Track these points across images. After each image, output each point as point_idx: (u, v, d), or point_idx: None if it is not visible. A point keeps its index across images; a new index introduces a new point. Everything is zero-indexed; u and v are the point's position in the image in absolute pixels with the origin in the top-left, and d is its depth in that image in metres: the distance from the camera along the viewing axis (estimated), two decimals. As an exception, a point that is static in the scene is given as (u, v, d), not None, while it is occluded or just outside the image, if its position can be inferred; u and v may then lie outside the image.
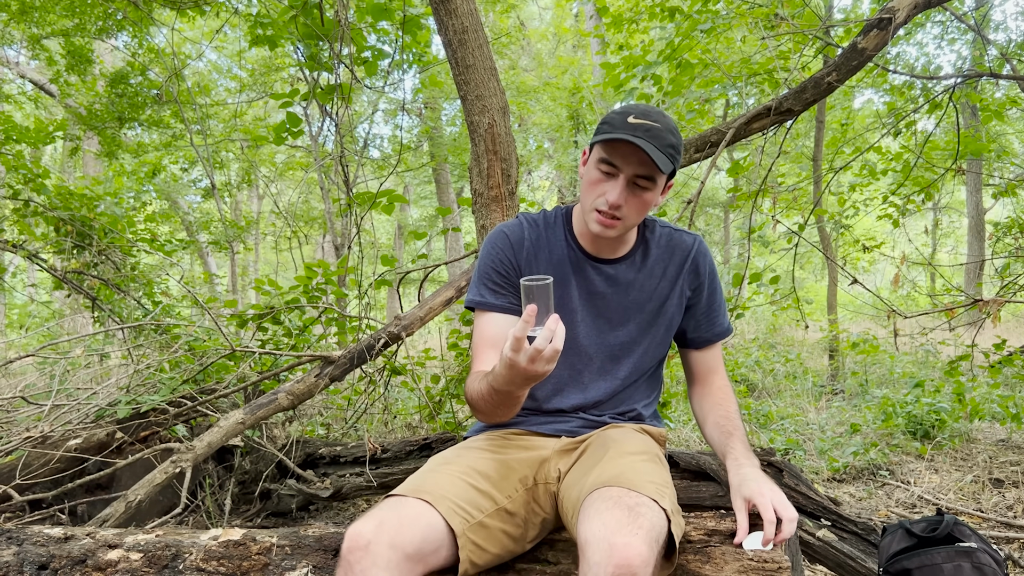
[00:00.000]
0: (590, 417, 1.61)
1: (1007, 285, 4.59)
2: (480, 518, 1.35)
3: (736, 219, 16.00)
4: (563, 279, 1.56)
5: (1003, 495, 3.38)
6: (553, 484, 1.48)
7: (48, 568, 1.52)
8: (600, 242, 1.56)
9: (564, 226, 1.60)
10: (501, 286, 1.56)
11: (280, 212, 9.70)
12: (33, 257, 4.40)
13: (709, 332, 1.65)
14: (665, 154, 1.38)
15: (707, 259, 1.64)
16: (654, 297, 1.60)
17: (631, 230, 1.56)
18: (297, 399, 2.88)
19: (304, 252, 14.62)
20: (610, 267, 1.58)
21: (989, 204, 12.60)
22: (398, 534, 1.21)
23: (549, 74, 12.93)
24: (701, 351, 1.67)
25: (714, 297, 1.65)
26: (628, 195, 1.42)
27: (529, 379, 1.23)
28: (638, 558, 1.11)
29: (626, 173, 1.40)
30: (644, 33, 6.05)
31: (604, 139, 1.39)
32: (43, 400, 3.35)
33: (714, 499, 2.19)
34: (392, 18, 3.56)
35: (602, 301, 1.58)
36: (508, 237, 1.58)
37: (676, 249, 1.61)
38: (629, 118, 1.38)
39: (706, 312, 1.64)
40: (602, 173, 1.43)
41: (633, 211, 1.45)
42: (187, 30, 9.00)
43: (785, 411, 5.36)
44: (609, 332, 1.59)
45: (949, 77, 4.34)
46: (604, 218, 1.44)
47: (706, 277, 1.63)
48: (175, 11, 5.52)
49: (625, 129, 1.37)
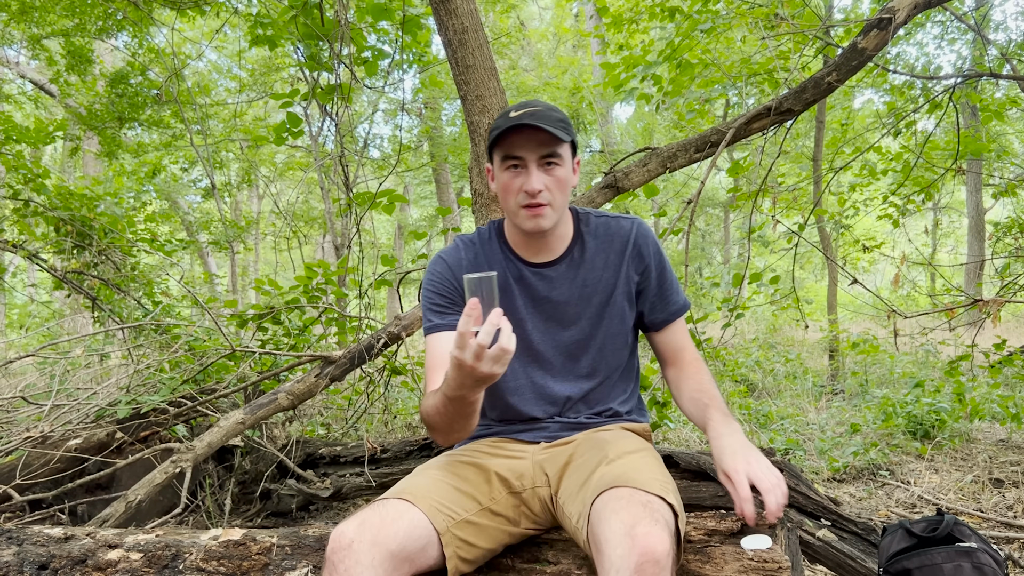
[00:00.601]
0: (566, 420, 1.61)
1: (1007, 285, 4.59)
2: (466, 516, 1.36)
3: (736, 219, 16.00)
4: (506, 290, 1.56)
5: (1003, 495, 3.38)
6: (543, 488, 1.48)
7: (48, 568, 1.52)
8: (536, 245, 1.56)
9: (498, 239, 1.61)
10: (445, 307, 1.55)
11: (280, 212, 9.71)
12: (33, 257, 4.40)
13: (665, 312, 1.62)
14: (557, 127, 1.40)
15: (649, 239, 1.61)
16: (599, 290, 1.58)
17: (562, 223, 1.55)
18: (297, 399, 2.88)
19: (304, 252, 14.63)
20: (549, 269, 1.57)
21: (989, 204, 12.60)
22: (380, 531, 1.22)
23: (549, 74, 12.92)
24: (663, 332, 1.64)
25: (664, 276, 1.61)
26: (543, 177, 1.44)
27: (479, 380, 1.20)
28: (661, 545, 1.11)
29: (531, 158, 1.43)
30: (644, 33, 6.05)
31: (498, 135, 1.42)
32: (43, 400, 3.35)
33: (714, 499, 2.19)
34: (392, 18, 3.56)
35: (548, 304, 1.57)
36: (445, 261, 1.59)
37: (615, 237, 1.59)
38: (511, 114, 1.42)
39: (658, 292, 1.61)
40: (511, 173, 1.45)
41: (555, 192, 1.45)
42: (187, 30, 9.00)
43: (785, 411, 5.36)
44: (561, 333, 1.58)
45: (949, 77, 4.34)
46: (531, 209, 1.44)
47: (651, 258, 1.60)
48: (175, 11, 5.52)
49: (511, 121, 1.40)
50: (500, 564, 1.46)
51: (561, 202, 1.48)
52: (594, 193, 3.15)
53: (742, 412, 5.08)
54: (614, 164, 3.24)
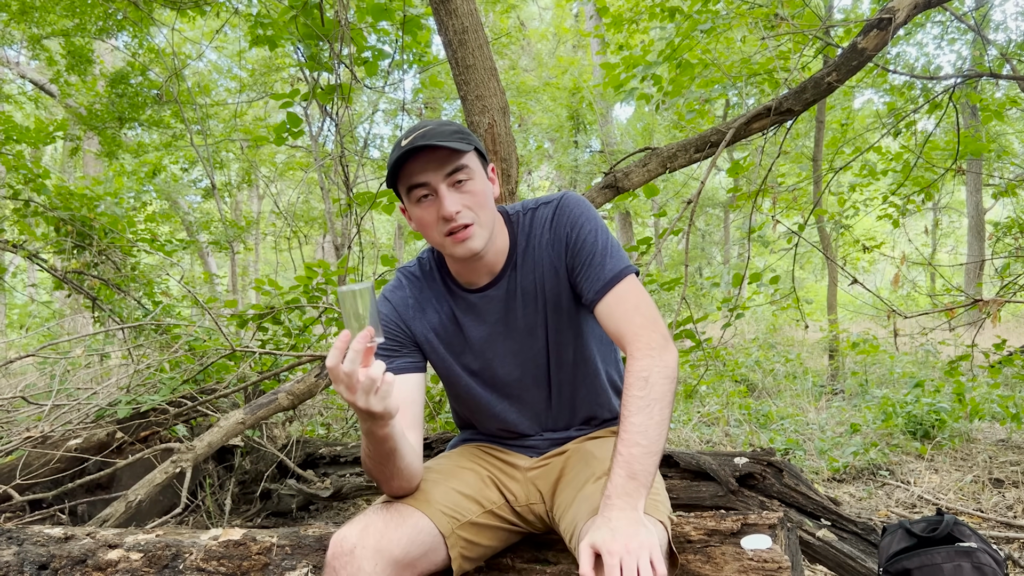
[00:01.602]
0: (556, 436, 1.54)
1: (1007, 285, 4.60)
2: (470, 517, 1.36)
3: (736, 219, 16.00)
4: (455, 322, 1.47)
5: (1003, 495, 3.38)
6: (538, 505, 1.47)
7: (48, 568, 1.52)
8: (475, 269, 1.42)
9: (439, 270, 1.50)
10: (395, 350, 1.45)
11: (280, 212, 9.70)
12: (33, 257, 4.40)
13: (598, 281, 1.36)
14: (452, 140, 1.28)
15: (565, 212, 1.42)
16: (539, 293, 1.43)
17: (497, 237, 1.41)
18: (297, 399, 2.88)
19: (304, 252, 14.61)
20: (492, 290, 1.44)
21: (989, 204, 12.60)
22: (383, 537, 1.20)
23: (549, 74, 12.93)
24: (598, 310, 1.36)
25: (587, 244, 1.38)
26: (457, 197, 1.31)
27: (365, 415, 1.14)
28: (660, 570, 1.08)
29: (436, 182, 1.30)
30: (644, 33, 6.05)
31: (395, 169, 1.31)
32: (43, 400, 3.36)
33: (714, 499, 2.19)
34: (392, 18, 3.56)
35: (501, 326, 1.46)
36: (390, 302, 1.49)
37: (537, 226, 1.44)
38: (403, 142, 1.30)
39: (587, 262, 1.37)
40: (423, 205, 1.32)
41: (475, 208, 1.32)
42: (187, 30, 8.99)
43: (785, 411, 5.36)
44: (522, 350, 1.47)
45: (949, 77, 4.34)
46: (455, 235, 1.31)
47: (566, 228, 1.40)
48: (175, 11, 5.52)
49: (403, 148, 1.28)
50: (500, 564, 1.46)
51: (486, 217, 1.35)
52: (594, 193, 3.15)
53: (742, 412, 5.09)
54: (614, 164, 3.24)
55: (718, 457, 2.27)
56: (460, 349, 1.49)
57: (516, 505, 1.46)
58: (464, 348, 1.48)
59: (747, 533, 1.37)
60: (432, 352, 1.49)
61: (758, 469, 2.18)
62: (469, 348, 1.48)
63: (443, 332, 1.48)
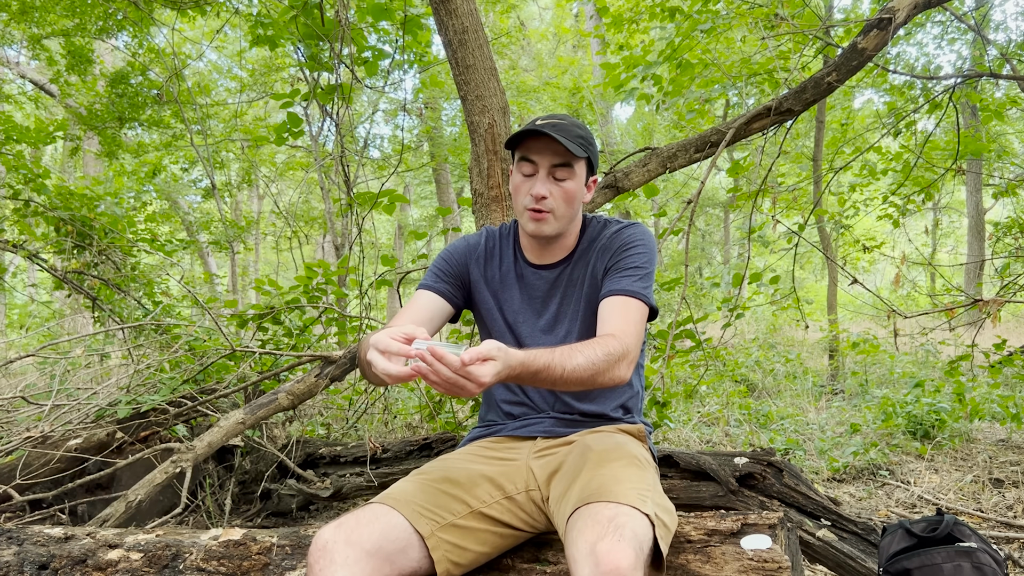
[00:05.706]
0: (564, 417, 1.63)
1: (1007, 285, 4.60)
2: (452, 519, 1.37)
3: (736, 219, 16.00)
4: (509, 285, 1.67)
5: (1003, 495, 3.38)
6: (536, 491, 1.48)
7: (48, 568, 1.52)
8: (540, 248, 1.64)
9: (513, 238, 1.71)
10: (445, 273, 1.67)
11: (280, 212, 9.71)
12: (33, 257, 4.40)
13: (617, 285, 1.53)
14: (575, 143, 1.48)
15: (630, 233, 1.60)
16: (579, 286, 1.63)
17: (568, 229, 1.61)
18: (297, 399, 2.88)
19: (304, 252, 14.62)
20: (548, 271, 1.65)
21: (989, 204, 12.60)
22: (354, 531, 1.25)
23: (549, 74, 12.92)
24: (603, 303, 1.54)
25: (630, 259, 1.56)
26: (550, 186, 1.52)
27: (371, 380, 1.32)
28: (625, 560, 1.11)
29: (544, 166, 1.51)
30: (644, 33, 6.06)
31: (519, 137, 1.50)
32: (43, 400, 3.35)
33: (714, 499, 2.19)
34: (392, 18, 3.56)
35: (540, 303, 1.65)
36: (466, 241, 1.72)
37: (604, 235, 1.63)
38: (537, 122, 1.50)
39: (620, 268, 1.56)
40: (524, 176, 1.54)
41: (559, 202, 1.53)
42: (187, 30, 8.99)
43: (785, 411, 5.36)
44: (549, 331, 1.63)
45: (949, 77, 4.34)
46: (534, 213, 1.53)
47: (622, 243, 1.58)
48: (175, 11, 5.52)
49: (533, 126, 1.49)
50: (500, 564, 1.46)
51: (565, 213, 1.55)
52: (594, 193, 3.15)
53: (742, 412, 5.09)
54: (614, 164, 3.24)
55: (718, 457, 2.27)
56: (503, 301, 1.68)
57: (515, 494, 1.47)
58: (506, 303, 1.67)
59: (747, 533, 1.37)
60: (478, 293, 1.69)
61: (758, 469, 2.18)
62: (510, 306, 1.67)
63: (495, 283, 1.69)
